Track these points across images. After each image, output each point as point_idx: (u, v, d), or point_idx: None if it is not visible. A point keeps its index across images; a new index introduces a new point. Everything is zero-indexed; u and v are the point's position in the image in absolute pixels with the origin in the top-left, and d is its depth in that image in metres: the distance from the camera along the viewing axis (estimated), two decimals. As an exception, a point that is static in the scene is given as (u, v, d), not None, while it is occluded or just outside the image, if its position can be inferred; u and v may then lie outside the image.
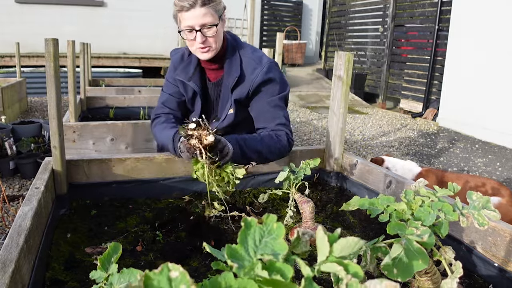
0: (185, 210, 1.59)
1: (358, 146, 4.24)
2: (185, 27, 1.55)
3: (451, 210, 0.93)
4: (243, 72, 1.67)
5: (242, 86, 1.67)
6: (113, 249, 0.72)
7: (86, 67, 3.70)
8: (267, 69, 1.66)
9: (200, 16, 1.51)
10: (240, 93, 1.68)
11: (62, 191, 1.50)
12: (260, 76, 1.64)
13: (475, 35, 4.90)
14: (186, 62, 1.74)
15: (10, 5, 7.86)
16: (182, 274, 0.40)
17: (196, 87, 1.72)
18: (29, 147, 3.05)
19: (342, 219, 1.60)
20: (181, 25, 1.56)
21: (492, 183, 2.02)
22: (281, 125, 1.68)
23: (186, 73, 1.72)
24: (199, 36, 1.55)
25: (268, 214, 0.54)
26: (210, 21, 1.54)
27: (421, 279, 0.99)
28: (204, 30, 1.54)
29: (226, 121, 1.73)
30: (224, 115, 1.73)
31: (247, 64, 1.68)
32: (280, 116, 1.68)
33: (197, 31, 1.54)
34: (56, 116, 1.40)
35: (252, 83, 1.65)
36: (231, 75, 1.67)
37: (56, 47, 1.36)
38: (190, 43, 1.60)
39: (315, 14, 10.50)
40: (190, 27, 1.54)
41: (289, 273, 0.46)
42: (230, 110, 1.70)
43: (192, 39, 1.57)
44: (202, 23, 1.53)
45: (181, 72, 1.73)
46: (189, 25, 1.53)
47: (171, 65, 1.80)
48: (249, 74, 1.66)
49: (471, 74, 4.96)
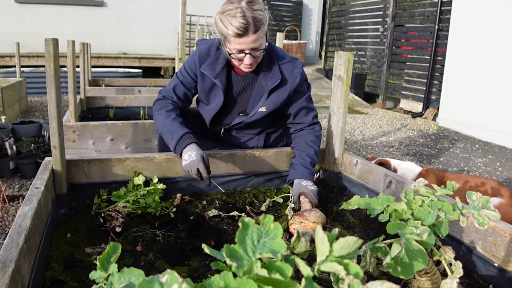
0: (185, 210, 1.59)
1: (358, 146, 4.24)
2: (235, 50, 1.55)
3: (451, 209, 0.93)
4: (283, 75, 1.72)
5: (283, 89, 1.73)
6: (112, 249, 0.72)
7: (86, 67, 3.70)
8: (302, 68, 1.78)
9: (252, 41, 1.52)
10: (280, 95, 1.73)
11: (62, 191, 1.50)
12: (299, 77, 1.74)
13: (475, 35, 4.90)
14: (214, 58, 1.72)
15: (10, 5, 7.86)
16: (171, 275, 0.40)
17: (221, 84, 1.72)
18: (29, 147, 3.05)
19: (342, 219, 1.60)
20: (230, 46, 1.56)
21: (492, 183, 2.02)
22: (315, 118, 1.85)
23: (212, 70, 1.71)
24: (248, 58, 1.57)
25: (265, 215, 0.54)
26: (260, 44, 1.56)
27: (421, 279, 0.99)
28: (253, 52, 1.56)
29: (255, 116, 1.78)
30: (254, 111, 1.77)
31: (285, 66, 1.73)
32: (313, 109, 1.85)
33: (246, 53, 1.55)
34: (56, 116, 1.40)
35: (293, 85, 1.73)
36: (271, 78, 1.70)
37: (56, 47, 1.36)
38: (236, 60, 1.61)
39: (315, 14, 10.50)
40: (240, 50, 1.55)
41: (289, 272, 0.46)
42: (262, 108, 1.75)
43: (240, 59, 1.58)
44: (253, 48, 1.54)
45: (207, 67, 1.71)
46: (240, 49, 1.54)
47: (195, 55, 1.76)
48: (289, 76, 1.73)
49: (471, 74, 4.96)
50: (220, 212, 1.54)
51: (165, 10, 8.53)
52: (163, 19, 8.58)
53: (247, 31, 1.49)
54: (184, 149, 1.57)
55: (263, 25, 1.53)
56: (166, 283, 0.40)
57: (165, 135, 1.66)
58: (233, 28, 1.48)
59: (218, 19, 1.54)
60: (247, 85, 1.77)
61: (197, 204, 1.65)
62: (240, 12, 1.47)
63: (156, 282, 0.41)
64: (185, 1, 7.20)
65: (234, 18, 1.48)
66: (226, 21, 1.50)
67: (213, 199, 1.72)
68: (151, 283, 0.41)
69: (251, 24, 1.48)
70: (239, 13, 1.47)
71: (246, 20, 1.47)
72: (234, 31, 1.49)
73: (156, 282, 0.41)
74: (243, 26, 1.47)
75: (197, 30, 4.67)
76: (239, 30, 1.48)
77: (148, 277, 0.41)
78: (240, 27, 1.47)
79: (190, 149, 1.56)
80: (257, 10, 1.50)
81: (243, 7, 1.48)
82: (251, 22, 1.48)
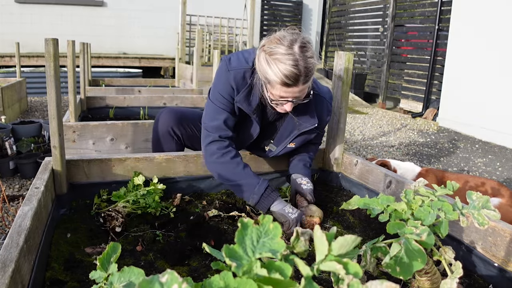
0: (185, 210, 1.59)
1: (358, 146, 4.24)
2: (280, 97, 1.41)
3: (451, 209, 0.93)
4: (318, 115, 1.63)
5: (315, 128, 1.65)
6: (112, 249, 0.72)
7: (86, 67, 3.70)
8: (331, 104, 1.71)
9: (299, 91, 1.38)
10: (310, 134, 1.67)
11: (62, 191, 1.50)
12: (328, 116, 1.70)
13: (475, 35, 4.90)
14: (248, 89, 1.52)
15: (10, 5, 7.86)
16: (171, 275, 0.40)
17: (257, 119, 1.58)
18: (29, 147, 3.05)
19: (342, 219, 1.60)
20: (274, 92, 1.40)
21: (492, 183, 2.02)
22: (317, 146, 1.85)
23: (248, 104, 1.53)
24: (289, 105, 1.43)
25: (264, 215, 0.54)
26: (305, 93, 1.43)
27: (421, 279, 0.99)
28: (296, 100, 1.43)
29: (283, 151, 1.70)
30: (282, 147, 1.68)
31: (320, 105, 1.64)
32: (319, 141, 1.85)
33: (289, 101, 1.42)
34: (56, 116, 1.40)
35: (321, 123, 1.68)
36: (307, 120, 1.60)
37: (56, 47, 1.36)
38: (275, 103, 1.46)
39: (315, 14, 10.50)
40: (283, 98, 1.41)
41: (288, 271, 0.46)
42: (291, 144, 1.67)
43: (281, 104, 1.45)
44: (297, 97, 1.41)
45: (243, 101, 1.52)
46: (284, 97, 1.40)
47: (230, 79, 1.51)
48: (324, 116, 1.67)
49: (471, 74, 4.96)
50: (220, 212, 1.54)
51: (165, 10, 8.53)
52: (163, 19, 8.58)
53: (297, 82, 1.33)
54: (274, 202, 1.47)
55: (313, 74, 1.38)
56: (166, 283, 0.40)
57: (243, 185, 1.51)
58: (282, 76, 1.31)
59: (263, 59, 1.36)
60: (279, 117, 1.68)
61: (197, 204, 1.65)
62: (293, 60, 1.30)
63: (156, 282, 0.41)
64: (185, 1, 7.20)
65: (285, 64, 1.30)
66: (274, 65, 1.32)
67: (213, 199, 1.72)
68: (151, 283, 0.41)
69: (302, 74, 1.32)
70: (292, 60, 1.30)
71: (299, 70, 1.30)
72: (282, 79, 1.32)
73: (156, 282, 0.41)
74: (294, 77, 1.31)
75: (197, 30, 4.67)
76: (289, 79, 1.32)
77: (148, 277, 0.41)
78: (290, 76, 1.31)
79: (284, 205, 1.45)
80: (310, 58, 1.33)
81: (296, 53, 1.30)
82: (303, 73, 1.32)
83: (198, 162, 1.73)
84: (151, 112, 3.78)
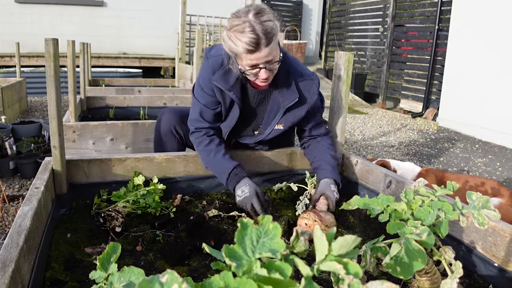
0: (185, 210, 1.59)
1: (358, 146, 4.24)
2: (248, 66, 1.45)
3: (451, 209, 0.93)
4: (301, 93, 1.64)
5: (301, 107, 1.67)
6: (112, 249, 0.72)
7: (86, 67, 3.70)
8: (318, 85, 1.71)
9: (265, 55, 1.41)
10: (297, 113, 1.68)
11: (62, 191, 1.50)
12: (316, 95, 1.69)
13: (475, 35, 4.90)
14: (226, 69, 1.58)
15: (10, 5, 7.86)
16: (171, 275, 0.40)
17: (236, 98, 1.61)
18: (29, 147, 3.05)
19: (342, 219, 1.60)
20: (243, 63, 1.45)
21: (492, 183, 2.02)
22: (327, 128, 1.87)
23: (225, 82, 1.58)
24: (264, 72, 1.46)
25: (263, 215, 0.54)
26: (275, 56, 1.45)
27: (421, 279, 0.99)
28: (268, 66, 1.46)
29: (271, 134, 1.72)
30: (270, 129, 1.71)
31: (303, 84, 1.66)
32: (326, 121, 1.88)
33: (261, 68, 1.46)
34: (56, 116, 1.40)
35: (310, 103, 1.68)
36: (289, 96, 1.62)
37: (56, 47, 1.36)
38: (251, 76, 1.51)
39: (315, 14, 10.50)
40: (254, 66, 1.45)
41: (288, 271, 0.46)
42: (279, 126, 1.69)
43: (254, 74, 1.48)
44: (266, 61, 1.44)
45: (220, 79, 1.58)
46: (253, 64, 1.44)
47: (207, 67, 1.61)
48: (306, 94, 1.66)
49: (471, 74, 4.96)
50: (220, 212, 1.54)
51: (165, 10, 8.53)
52: (163, 19, 8.57)
53: (258, 45, 1.38)
54: (237, 185, 1.53)
55: (275, 36, 1.41)
56: (166, 283, 0.40)
57: (215, 173, 1.62)
58: (243, 44, 1.37)
59: (226, 37, 1.43)
60: (263, 99, 1.69)
61: (197, 204, 1.65)
62: (249, 26, 1.36)
63: (156, 282, 0.41)
64: (185, 1, 7.20)
65: (243, 33, 1.37)
66: (234, 37, 1.39)
67: (213, 199, 1.72)
68: (151, 282, 0.41)
69: (262, 37, 1.37)
70: (248, 27, 1.36)
71: (256, 34, 1.36)
72: (244, 47, 1.38)
73: (156, 282, 0.41)
74: (253, 41, 1.36)
75: (197, 30, 4.67)
76: (250, 45, 1.37)
77: (148, 277, 0.41)
78: (250, 42, 1.36)
79: (243, 184, 1.51)
80: (266, 21, 1.38)
81: (251, 20, 1.37)
82: (262, 36, 1.37)
83: (198, 162, 1.73)
84: (151, 112, 3.78)
